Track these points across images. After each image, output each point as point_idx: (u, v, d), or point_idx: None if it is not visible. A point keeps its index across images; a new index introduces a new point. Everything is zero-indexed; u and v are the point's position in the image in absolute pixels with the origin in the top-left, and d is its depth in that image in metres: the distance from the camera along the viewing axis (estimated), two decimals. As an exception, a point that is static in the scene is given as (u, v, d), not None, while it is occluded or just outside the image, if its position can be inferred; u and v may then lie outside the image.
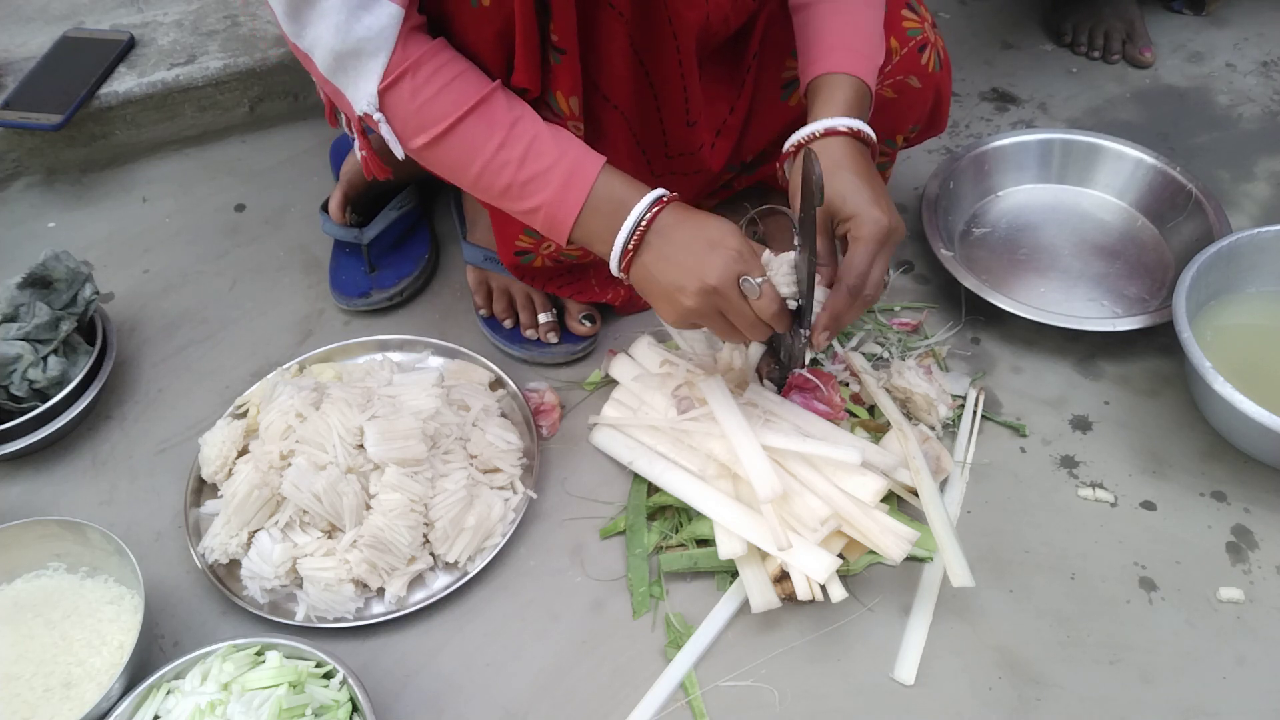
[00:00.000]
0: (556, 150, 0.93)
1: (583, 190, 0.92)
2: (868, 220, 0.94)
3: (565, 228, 0.93)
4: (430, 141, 0.92)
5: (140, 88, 1.51)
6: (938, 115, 1.22)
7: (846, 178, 0.95)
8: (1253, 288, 1.22)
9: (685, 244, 0.91)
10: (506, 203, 0.95)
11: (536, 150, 0.92)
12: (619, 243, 0.92)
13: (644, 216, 0.92)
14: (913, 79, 1.14)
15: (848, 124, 0.97)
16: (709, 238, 0.91)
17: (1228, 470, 1.13)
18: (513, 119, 0.93)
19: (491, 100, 0.92)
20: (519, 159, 0.92)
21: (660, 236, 0.92)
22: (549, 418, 1.18)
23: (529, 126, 0.93)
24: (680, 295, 0.92)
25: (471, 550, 1.05)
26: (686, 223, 0.92)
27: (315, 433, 1.04)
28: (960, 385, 1.20)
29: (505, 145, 0.92)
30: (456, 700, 0.98)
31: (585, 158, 0.93)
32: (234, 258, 1.42)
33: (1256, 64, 1.68)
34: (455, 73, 0.91)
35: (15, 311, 1.18)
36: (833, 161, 0.95)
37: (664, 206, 0.93)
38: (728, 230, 0.92)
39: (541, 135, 0.93)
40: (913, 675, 0.97)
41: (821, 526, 0.99)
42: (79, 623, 1.00)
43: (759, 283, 0.90)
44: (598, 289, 1.24)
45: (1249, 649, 0.99)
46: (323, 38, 0.88)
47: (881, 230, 0.94)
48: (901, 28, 1.13)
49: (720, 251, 0.90)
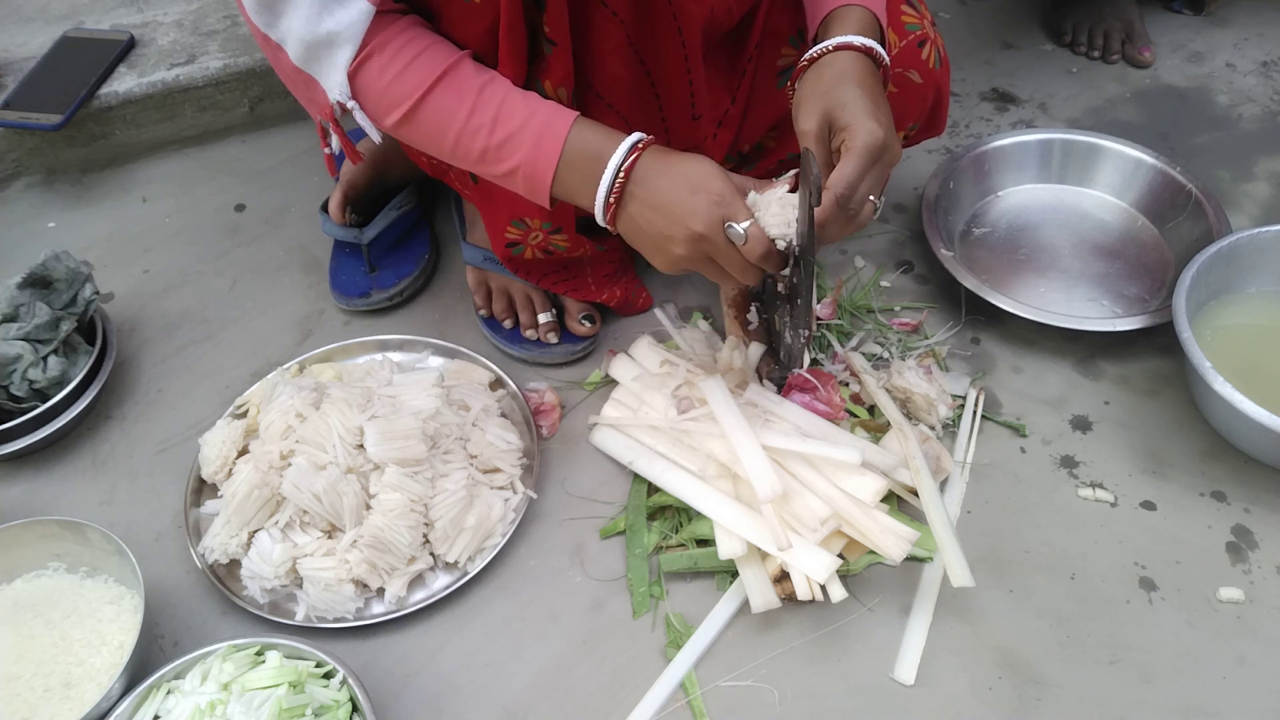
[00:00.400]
0: (526, 110, 0.92)
1: (556, 146, 0.91)
2: (862, 131, 0.90)
3: (545, 186, 0.93)
4: (403, 117, 0.93)
5: (140, 88, 1.51)
6: (937, 115, 1.22)
7: (850, 88, 0.92)
8: (1253, 288, 1.22)
9: (667, 191, 0.90)
10: (485, 168, 0.95)
11: (506, 112, 0.92)
12: (600, 196, 0.92)
13: (621, 166, 0.91)
14: (913, 74, 1.14)
15: (861, 41, 0.95)
16: (690, 182, 0.89)
17: (1228, 470, 1.13)
18: (480, 84, 0.92)
19: (458, 69, 0.92)
20: (490, 123, 0.92)
21: (642, 185, 0.91)
22: (549, 418, 1.18)
23: (498, 90, 0.93)
24: (669, 244, 0.91)
25: (471, 550, 1.05)
26: (667, 168, 0.91)
27: (315, 433, 1.04)
28: (960, 385, 1.20)
29: (475, 111, 0.92)
30: (456, 700, 0.98)
31: (556, 114, 0.92)
32: (234, 258, 1.42)
33: (1256, 64, 1.68)
34: (421, 47, 0.92)
35: (15, 311, 1.18)
36: (839, 73, 0.93)
37: (641, 153, 0.91)
38: (708, 172, 0.90)
39: (511, 97, 0.93)
40: (913, 675, 0.98)
41: (821, 526, 0.99)
42: (79, 623, 1.00)
43: (744, 228, 0.89)
44: (594, 287, 1.24)
45: (1249, 649, 0.99)
46: (294, 28, 0.88)
47: (877, 142, 0.91)
48: (900, 22, 1.13)
49: (702, 196, 0.89)
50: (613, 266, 1.25)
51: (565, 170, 0.92)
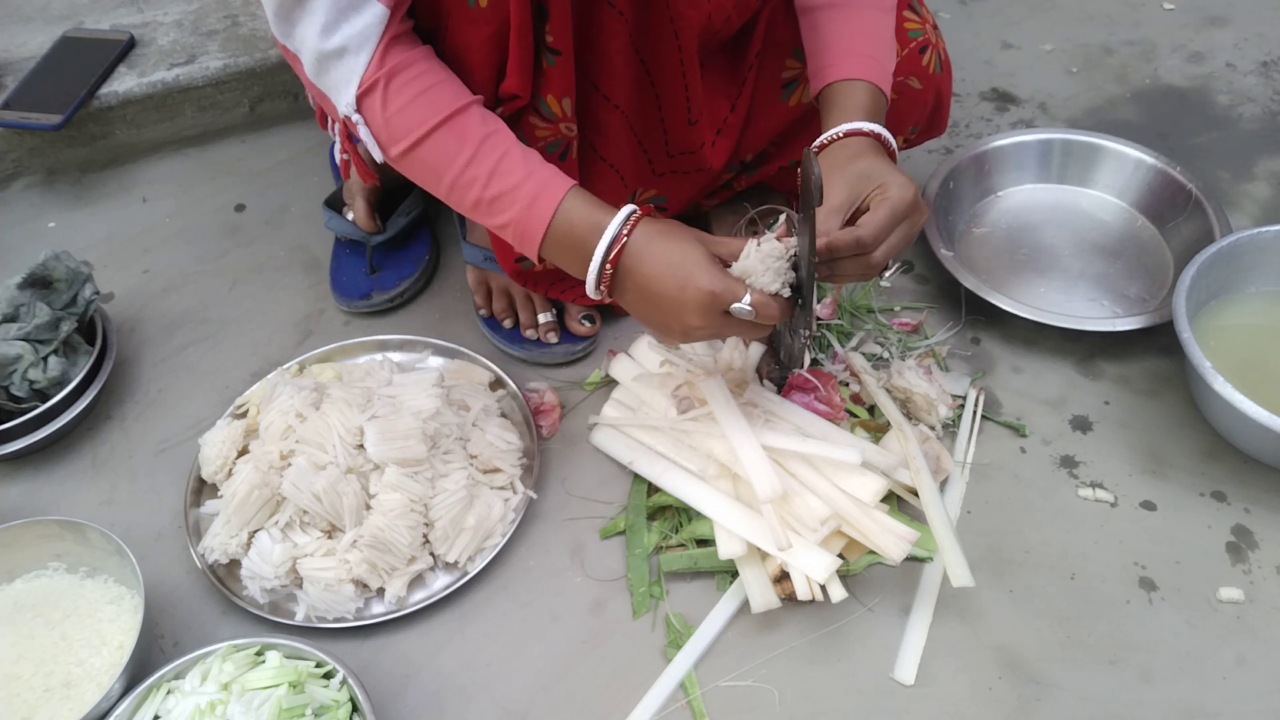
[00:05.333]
0: (524, 169, 0.92)
1: (546, 214, 0.91)
2: (895, 186, 0.92)
3: (534, 249, 0.93)
4: (403, 152, 0.93)
5: (140, 88, 1.51)
6: (937, 117, 1.22)
7: (873, 160, 0.94)
8: (1253, 288, 1.22)
9: (655, 286, 0.89)
10: (478, 216, 0.95)
11: (505, 168, 0.91)
12: (590, 286, 0.92)
13: (607, 258, 0.90)
14: (913, 80, 1.14)
15: (870, 127, 0.97)
16: (677, 277, 0.88)
17: (1228, 470, 1.13)
18: (484, 134, 0.92)
19: (465, 114, 0.92)
20: (486, 176, 0.91)
21: (631, 276, 0.91)
22: (549, 418, 1.18)
23: (499, 143, 0.92)
24: (669, 334, 0.92)
25: (471, 550, 1.05)
26: (651, 259, 0.89)
27: (315, 433, 1.04)
28: (960, 385, 1.20)
29: (473, 161, 0.91)
30: (456, 700, 0.98)
31: (552, 180, 0.92)
32: (234, 258, 1.42)
33: (1256, 64, 1.68)
34: (429, 84, 0.91)
35: (15, 311, 1.18)
36: (856, 152, 0.95)
37: (629, 236, 0.89)
38: (694, 263, 0.88)
39: (511, 153, 0.92)
40: (913, 675, 0.98)
41: (821, 526, 0.99)
42: (79, 623, 1.00)
43: (747, 304, 0.88)
44: None
45: (1249, 649, 0.99)
46: (309, 38, 0.88)
47: (909, 199, 0.92)
48: (903, 28, 1.13)
49: (690, 293, 0.88)
50: None
51: (552, 240, 0.92)
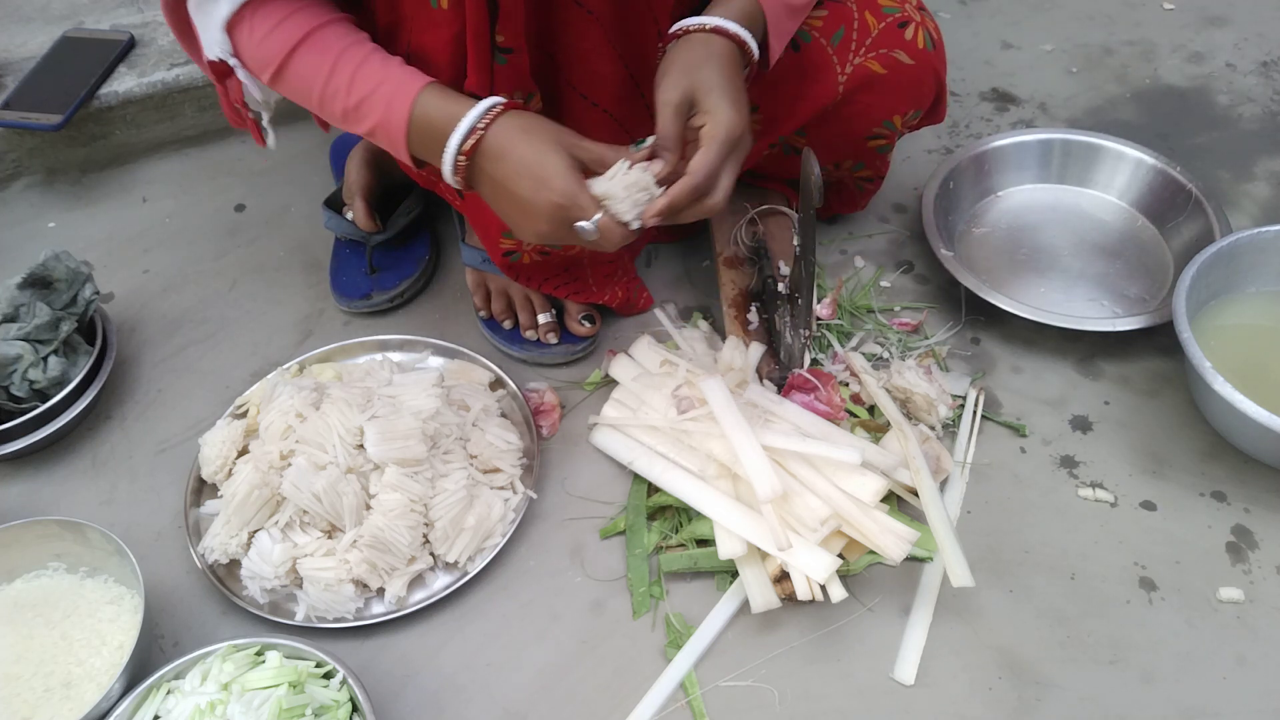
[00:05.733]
0: (382, 73, 0.93)
1: (404, 111, 0.92)
2: (724, 120, 0.91)
3: (403, 150, 0.94)
4: (273, 76, 0.95)
5: (140, 88, 1.51)
6: (938, 99, 1.22)
7: (716, 72, 0.93)
8: (1253, 288, 1.22)
9: (511, 184, 0.90)
10: (349, 127, 0.97)
11: (363, 74, 0.93)
12: (445, 174, 0.92)
13: (461, 147, 0.90)
14: (900, 54, 1.14)
15: (735, 29, 0.95)
16: (535, 176, 0.88)
17: (1228, 470, 1.13)
18: (343, 47, 0.94)
19: (325, 30, 0.95)
20: (348, 85, 0.93)
21: (486, 171, 0.91)
22: (549, 418, 1.18)
23: (358, 53, 0.94)
24: (520, 231, 0.94)
25: (471, 550, 1.05)
26: (509, 157, 0.89)
27: (315, 433, 1.04)
28: (960, 385, 1.20)
29: (335, 72, 0.94)
30: (456, 700, 0.98)
31: (408, 79, 0.93)
32: (234, 258, 1.42)
33: (1256, 64, 1.68)
34: (292, 9, 0.94)
35: (15, 312, 1.18)
36: (708, 54, 0.94)
37: (484, 132, 0.90)
38: (551, 170, 0.88)
39: (370, 60, 0.94)
40: (913, 675, 0.98)
41: (821, 526, 0.99)
42: (79, 623, 1.00)
43: (593, 226, 0.88)
44: (595, 289, 1.24)
45: (1249, 649, 0.99)
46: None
47: (736, 133, 0.91)
48: (877, 4, 1.14)
49: (542, 199, 0.88)
50: (612, 266, 1.25)
51: (416, 141, 0.93)
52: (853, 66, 1.15)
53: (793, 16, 1.03)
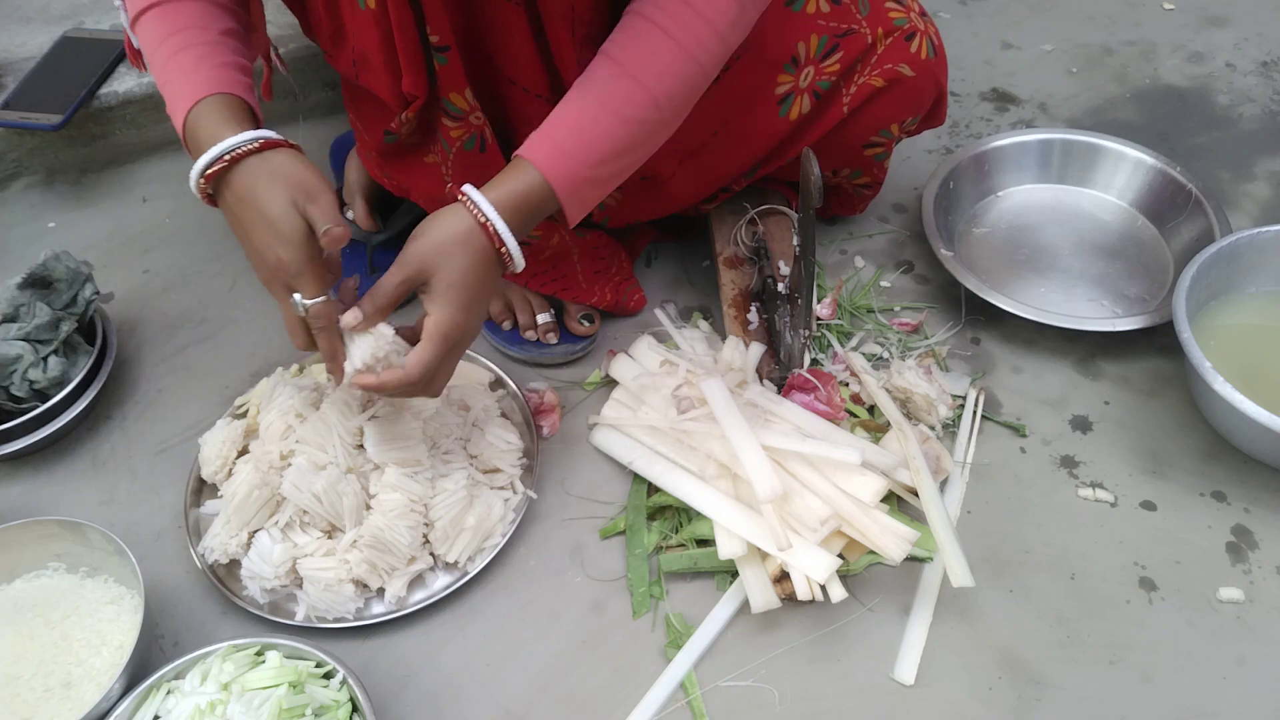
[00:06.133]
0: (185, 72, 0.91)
1: (180, 119, 0.90)
2: (445, 321, 0.89)
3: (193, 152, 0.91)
4: (130, 24, 0.95)
5: (140, 88, 1.51)
6: (937, 106, 1.22)
7: (458, 271, 0.88)
8: (1253, 288, 1.22)
9: (248, 224, 0.88)
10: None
11: (174, 65, 0.92)
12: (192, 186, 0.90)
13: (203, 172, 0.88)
14: (904, 67, 1.14)
15: (501, 231, 0.88)
16: (270, 229, 0.86)
17: (1228, 470, 1.13)
18: (177, 28, 0.92)
19: (176, 5, 0.93)
20: (162, 69, 0.93)
21: (225, 201, 0.89)
22: (549, 418, 1.18)
23: (183, 40, 0.92)
24: (254, 269, 0.91)
25: (471, 550, 1.05)
26: (252, 200, 0.87)
27: (315, 433, 1.04)
28: (960, 385, 1.20)
29: (158, 49, 0.93)
30: (456, 700, 0.98)
31: (195, 85, 0.90)
32: (234, 258, 1.42)
33: (1256, 64, 1.68)
34: None
35: (15, 312, 1.18)
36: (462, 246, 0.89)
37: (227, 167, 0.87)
38: (287, 232, 0.85)
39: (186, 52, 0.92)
40: (913, 675, 0.98)
41: (821, 526, 0.99)
42: (79, 623, 1.00)
43: (305, 304, 0.88)
44: (584, 285, 1.23)
45: (1249, 649, 0.99)
46: None
47: (456, 334, 0.89)
48: (888, 18, 1.13)
49: (273, 252, 0.87)
50: (603, 263, 1.24)
51: (189, 146, 0.91)
52: (857, 87, 1.15)
53: (599, 186, 0.93)
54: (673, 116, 0.93)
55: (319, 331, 0.90)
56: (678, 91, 0.91)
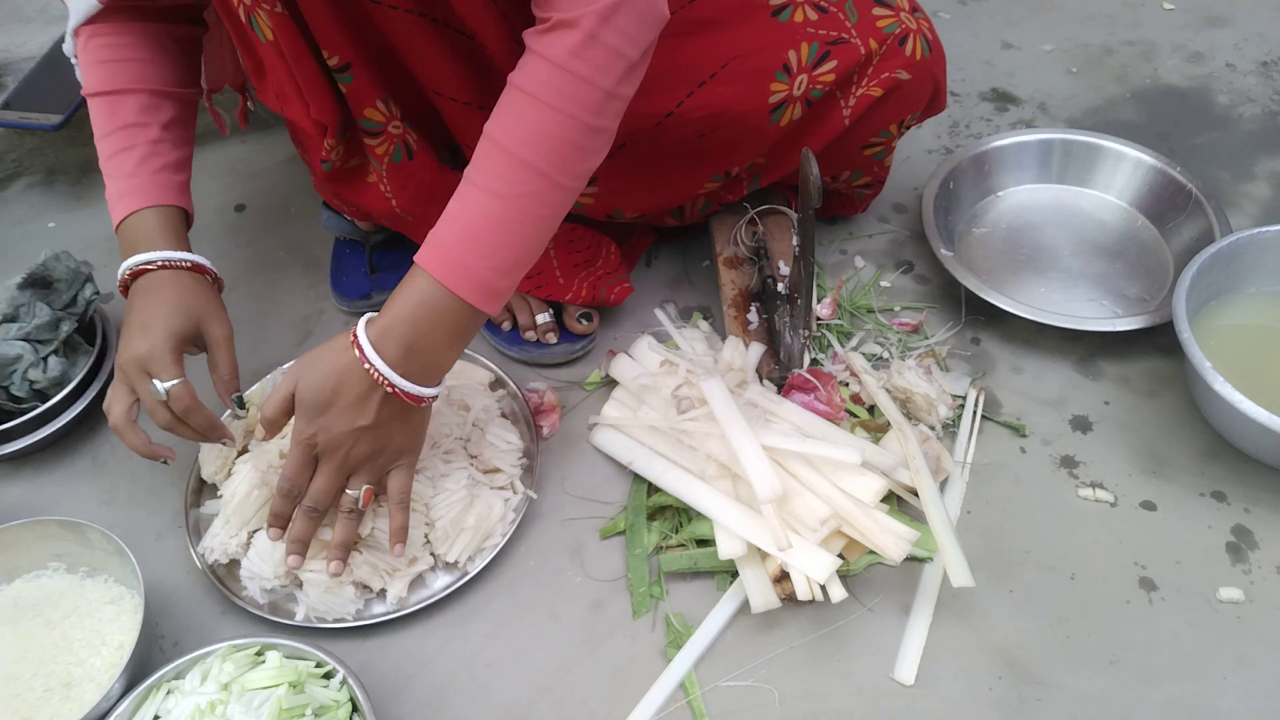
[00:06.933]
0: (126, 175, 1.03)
1: (117, 222, 1.03)
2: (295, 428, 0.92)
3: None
4: (85, 96, 1.05)
5: (140, 88, 1.51)
6: (936, 98, 1.22)
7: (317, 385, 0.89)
8: (1253, 288, 1.22)
9: (136, 313, 0.99)
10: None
11: (115, 162, 1.04)
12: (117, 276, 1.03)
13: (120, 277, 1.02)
14: (901, 73, 1.14)
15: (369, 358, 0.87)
16: (140, 337, 0.97)
17: (1228, 470, 1.13)
18: (122, 125, 1.03)
19: (123, 98, 1.03)
20: (106, 159, 1.04)
21: (139, 289, 1.01)
22: (549, 418, 1.18)
23: (127, 139, 1.03)
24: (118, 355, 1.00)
25: (471, 550, 1.05)
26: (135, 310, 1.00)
27: (315, 433, 1.04)
28: (960, 385, 1.20)
29: (103, 140, 1.05)
30: (456, 700, 0.98)
31: (128, 196, 1.02)
32: (234, 258, 1.42)
33: (1256, 64, 1.68)
34: (122, 56, 1.03)
35: (15, 312, 1.18)
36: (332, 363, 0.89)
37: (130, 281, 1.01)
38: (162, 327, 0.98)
39: (129, 153, 1.03)
40: (913, 675, 0.98)
41: (821, 526, 0.99)
42: (79, 623, 1.00)
43: (164, 388, 0.96)
44: (561, 282, 1.22)
45: (1249, 649, 0.99)
46: None
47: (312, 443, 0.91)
48: (877, 28, 1.12)
49: (140, 340, 0.97)
50: (580, 255, 1.23)
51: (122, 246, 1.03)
52: (856, 99, 1.14)
53: (507, 276, 0.89)
54: (568, 180, 0.87)
55: (185, 412, 0.98)
56: (558, 153, 0.85)
